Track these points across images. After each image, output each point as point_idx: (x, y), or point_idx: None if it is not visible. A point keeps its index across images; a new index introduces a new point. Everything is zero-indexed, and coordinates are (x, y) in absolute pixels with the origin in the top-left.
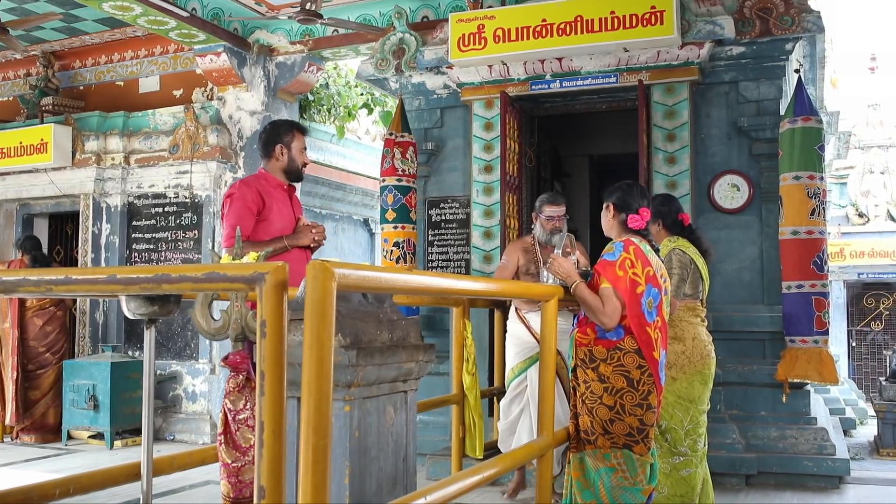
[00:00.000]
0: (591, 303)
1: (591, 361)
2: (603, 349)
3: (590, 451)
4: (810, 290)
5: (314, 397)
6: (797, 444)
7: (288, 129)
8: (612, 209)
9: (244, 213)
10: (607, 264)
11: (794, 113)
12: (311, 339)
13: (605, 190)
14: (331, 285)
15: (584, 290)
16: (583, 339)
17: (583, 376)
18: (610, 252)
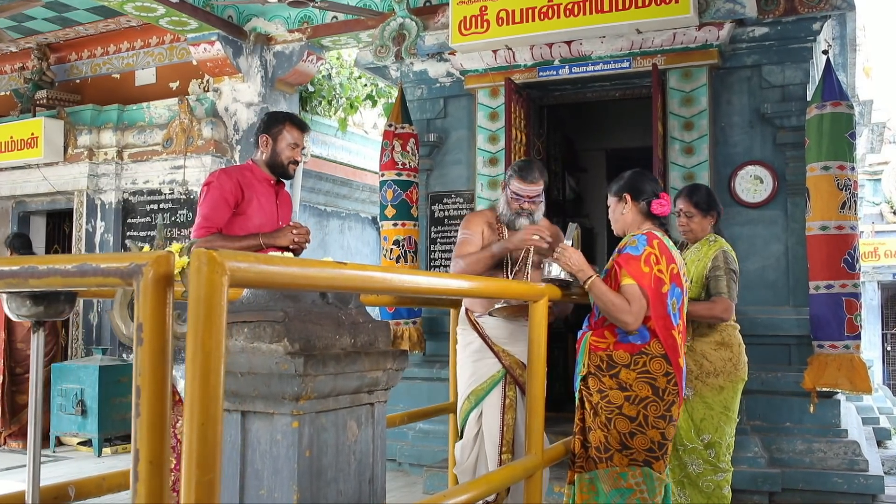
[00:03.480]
0: (614, 301)
1: (610, 368)
2: (625, 353)
3: (602, 470)
4: (840, 291)
5: (197, 421)
6: (826, 458)
7: (279, 120)
8: (628, 199)
9: (219, 204)
10: (630, 258)
11: (823, 97)
12: (193, 348)
13: (610, 184)
14: (219, 280)
15: (603, 286)
16: (599, 343)
17: (597, 385)
18: (632, 245)
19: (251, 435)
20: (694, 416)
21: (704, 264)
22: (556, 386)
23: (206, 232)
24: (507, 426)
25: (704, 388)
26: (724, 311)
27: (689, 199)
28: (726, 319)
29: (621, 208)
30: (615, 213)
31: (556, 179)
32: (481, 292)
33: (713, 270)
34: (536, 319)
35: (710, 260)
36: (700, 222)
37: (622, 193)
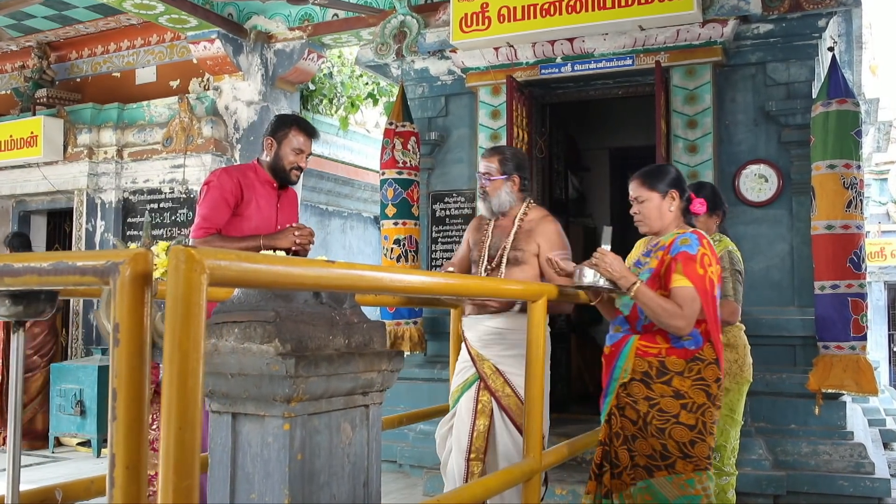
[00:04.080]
0: (663, 306)
1: (661, 374)
2: (679, 360)
3: (662, 478)
4: (846, 291)
5: (175, 425)
6: (831, 460)
7: (286, 123)
8: (676, 197)
9: (219, 204)
10: (689, 259)
11: (828, 95)
12: (170, 349)
13: (642, 176)
14: (198, 279)
15: (650, 291)
16: (649, 349)
17: (643, 392)
18: (687, 244)
19: (242, 437)
20: None
21: None
22: (558, 387)
23: (205, 232)
24: (477, 432)
25: None
26: (731, 314)
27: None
28: (733, 322)
29: (668, 205)
30: (658, 210)
31: (559, 178)
32: (473, 291)
33: None
34: (535, 320)
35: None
36: (705, 221)
37: (668, 190)
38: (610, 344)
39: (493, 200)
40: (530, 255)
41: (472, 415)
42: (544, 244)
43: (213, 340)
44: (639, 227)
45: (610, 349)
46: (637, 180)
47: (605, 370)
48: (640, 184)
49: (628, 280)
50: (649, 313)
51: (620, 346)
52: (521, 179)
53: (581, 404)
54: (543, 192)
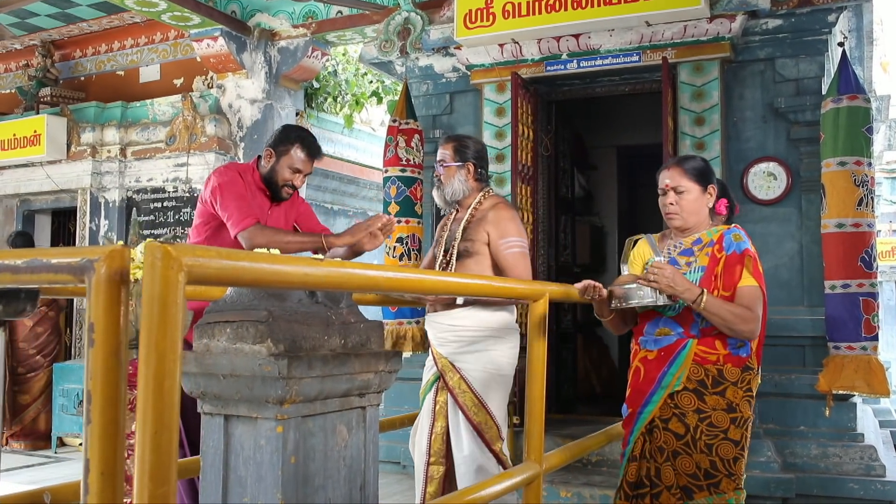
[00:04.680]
0: (735, 312)
1: (717, 384)
2: (735, 369)
3: (703, 499)
4: (857, 291)
5: (150, 429)
6: (841, 463)
7: (290, 138)
8: (713, 192)
9: (243, 195)
10: (753, 256)
11: (838, 91)
12: (146, 350)
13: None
14: (175, 277)
15: (718, 301)
16: (709, 355)
17: (694, 404)
18: (742, 241)
19: (234, 440)
20: None
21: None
22: (564, 387)
23: (251, 221)
24: (434, 435)
25: None
26: None
27: None
28: None
29: (706, 200)
30: (696, 204)
31: (565, 177)
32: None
33: None
34: (534, 320)
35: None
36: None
37: (709, 184)
38: (657, 348)
39: (446, 189)
40: (480, 244)
41: (431, 416)
42: (493, 232)
43: (204, 340)
44: (671, 220)
45: (658, 353)
46: (678, 169)
47: (648, 376)
48: (681, 173)
49: (693, 293)
50: (718, 321)
51: (674, 351)
52: (476, 168)
53: (588, 405)
54: (549, 191)
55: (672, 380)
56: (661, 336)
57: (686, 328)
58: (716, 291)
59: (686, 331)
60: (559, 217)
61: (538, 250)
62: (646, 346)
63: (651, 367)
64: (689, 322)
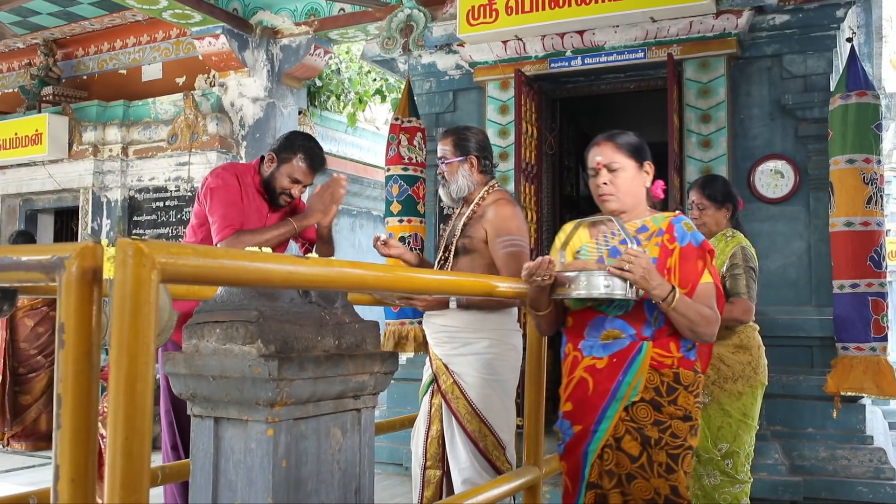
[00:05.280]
0: (703, 313)
1: (671, 391)
2: (688, 373)
3: None
4: (866, 290)
5: (121, 435)
6: (850, 466)
7: (294, 148)
8: (650, 170)
9: (234, 201)
10: (713, 251)
11: (847, 87)
12: (117, 352)
13: (615, 139)
14: (147, 275)
15: (688, 299)
16: (665, 359)
17: (652, 415)
18: (694, 230)
19: (224, 443)
20: (711, 425)
21: (721, 261)
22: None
23: (231, 230)
24: (430, 438)
25: (722, 395)
26: (744, 312)
27: (702, 191)
28: (746, 322)
29: (643, 179)
30: (633, 183)
31: (570, 175)
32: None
33: (731, 269)
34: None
35: (727, 257)
36: (714, 215)
37: (645, 161)
38: (607, 354)
39: (452, 186)
40: (478, 241)
41: (427, 419)
42: (491, 229)
43: (193, 341)
44: (606, 202)
45: (609, 360)
46: (610, 144)
47: (600, 387)
48: (614, 148)
49: (665, 289)
50: (683, 323)
51: (628, 356)
52: (479, 160)
53: None
54: (553, 189)
55: (628, 390)
56: (610, 340)
57: (639, 329)
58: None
59: (639, 332)
60: (564, 216)
61: (542, 249)
62: (592, 352)
63: (602, 376)
64: (642, 322)
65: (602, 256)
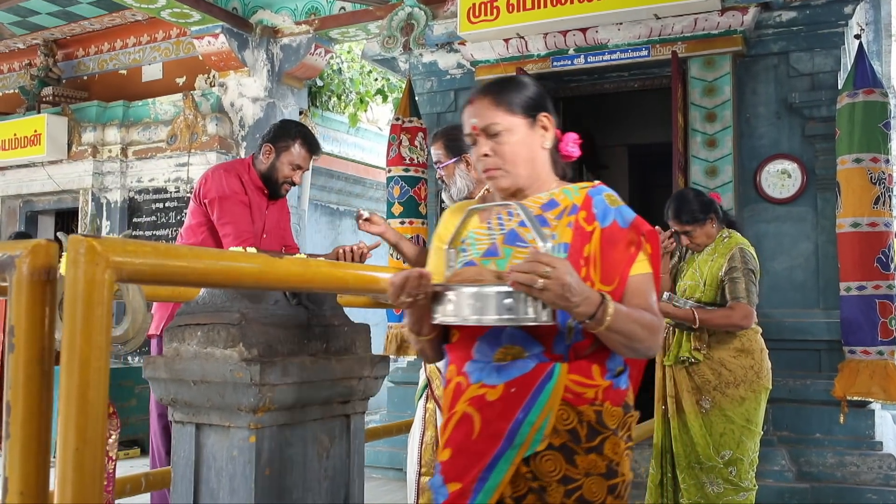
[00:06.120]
0: (646, 321)
1: (594, 436)
2: (615, 409)
3: None
4: (874, 293)
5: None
6: (859, 472)
7: (290, 134)
8: (549, 123)
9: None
10: (653, 231)
11: (855, 85)
12: (68, 357)
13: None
14: (100, 275)
15: (624, 310)
16: (585, 390)
17: (560, 470)
18: (620, 205)
19: (206, 450)
20: (713, 432)
21: (719, 264)
22: None
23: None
24: (425, 444)
25: (724, 400)
26: (744, 317)
27: (679, 219)
28: (746, 327)
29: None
30: (525, 148)
31: (574, 175)
32: None
33: (729, 272)
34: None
35: (725, 259)
36: (703, 232)
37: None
38: (503, 381)
39: (452, 189)
40: None
41: (422, 424)
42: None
43: (174, 344)
44: (494, 179)
45: (505, 390)
46: (486, 100)
47: (490, 428)
48: (492, 105)
49: (592, 303)
50: (620, 341)
51: (532, 385)
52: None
53: None
54: None
55: (531, 432)
56: (508, 360)
57: (548, 345)
58: (588, 284)
59: (548, 349)
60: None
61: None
62: (481, 377)
63: (494, 412)
64: (552, 334)
65: (495, 245)
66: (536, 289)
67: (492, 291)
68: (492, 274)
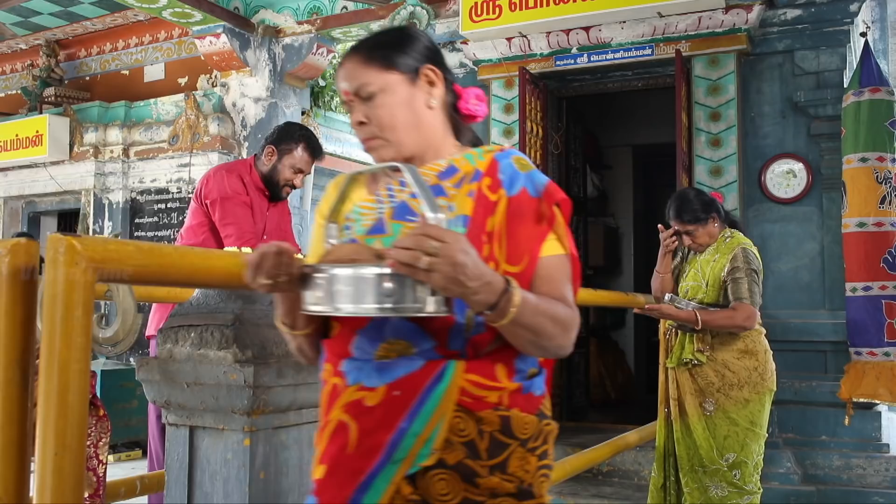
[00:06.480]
0: (561, 315)
1: (499, 449)
2: (528, 417)
3: None
4: (880, 293)
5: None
6: (865, 475)
7: (294, 137)
8: (436, 77)
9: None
10: (567, 201)
11: (860, 83)
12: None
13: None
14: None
15: (533, 299)
16: (487, 393)
17: (458, 493)
18: (531, 169)
19: (200, 453)
20: (716, 434)
21: (721, 264)
22: (575, 394)
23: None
24: None
25: (728, 402)
26: (747, 318)
27: (681, 219)
28: (750, 328)
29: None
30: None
31: (577, 176)
32: None
33: (732, 272)
34: None
35: (727, 259)
36: (705, 231)
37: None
38: (384, 382)
39: None
40: None
41: None
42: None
43: (168, 346)
44: (374, 149)
45: (387, 392)
46: (356, 58)
47: (367, 440)
48: (363, 62)
49: (494, 289)
50: (526, 337)
51: (420, 387)
52: None
53: (601, 412)
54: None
55: (415, 445)
56: (392, 358)
57: (442, 340)
58: (492, 265)
59: (441, 345)
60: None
61: None
62: (360, 378)
63: (373, 421)
64: (447, 327)
65: (382, 220)
66: (421, 270)
67: (368, 274)
68: (371, 252)
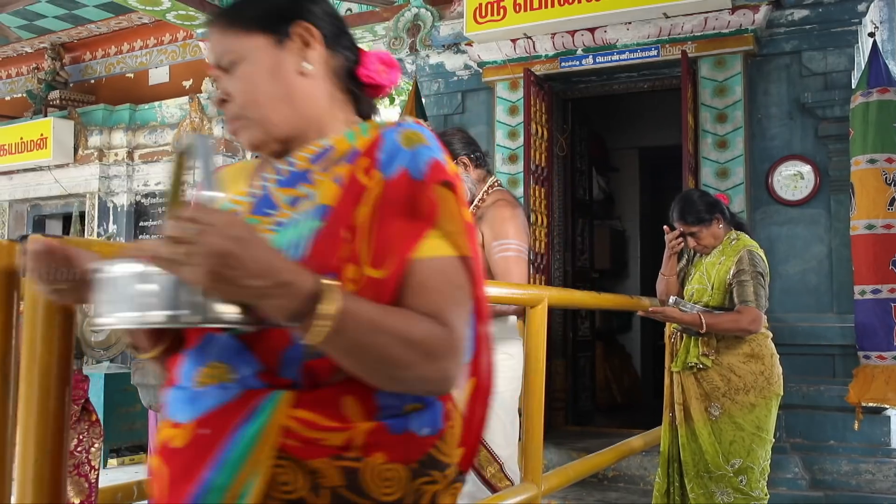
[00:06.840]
0: (420, 336)
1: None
2: (395, 468)
3: None
4: (889, 296)
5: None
6: (874, 480)
7: None
8: (314, 37)
9: None
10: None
11: (869, 84)
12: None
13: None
14: None
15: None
16: (324, 436)
17: None
18: (423, 144)
19: None
20: (722, 439)
21: (727, 267)
22: (581, 398)
23: None
24: None
25: (734, 407)
26: (752, 322)
27: (685, 220)
28: (755, 331)
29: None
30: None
31: (582, 178)
32: None
33: (737, 275)
34: (533, 328)
35: (733, 262)
36: (710, 233)
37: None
38: (193, 416)
39: None
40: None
41: None
42: (488, 233)
43: None
44: (238, 133)
45: (193, 432)
46: (218, 24)
47: (172, 487)
48: (223, 26)
49: (294, 291)
50: (357, 365)
51: (229, 426)
52: (471, 158)
53: (607, 416)
54: (565, 192)
55: (223, 496)
56: (209, 384)
57: (270, 363)
58: (350, 269)
59: (269, 371)
60: (576, 220)
61: (553, 254)
62: (171, 410)
63: (179, 467)
64: (281, 346)
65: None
66: (176, 263)
67: (122, 273)
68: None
